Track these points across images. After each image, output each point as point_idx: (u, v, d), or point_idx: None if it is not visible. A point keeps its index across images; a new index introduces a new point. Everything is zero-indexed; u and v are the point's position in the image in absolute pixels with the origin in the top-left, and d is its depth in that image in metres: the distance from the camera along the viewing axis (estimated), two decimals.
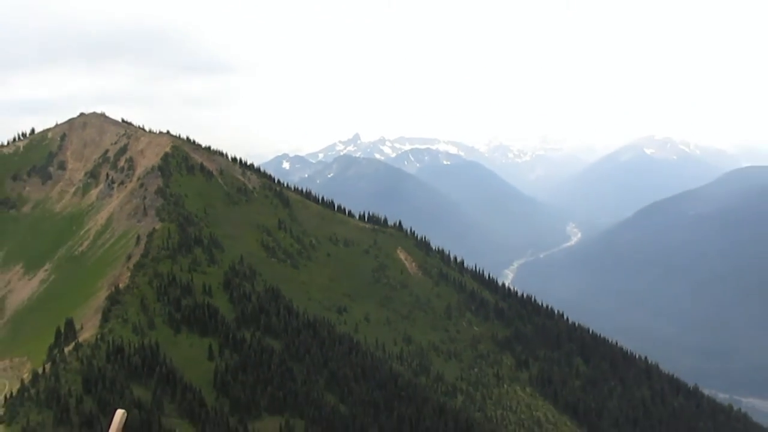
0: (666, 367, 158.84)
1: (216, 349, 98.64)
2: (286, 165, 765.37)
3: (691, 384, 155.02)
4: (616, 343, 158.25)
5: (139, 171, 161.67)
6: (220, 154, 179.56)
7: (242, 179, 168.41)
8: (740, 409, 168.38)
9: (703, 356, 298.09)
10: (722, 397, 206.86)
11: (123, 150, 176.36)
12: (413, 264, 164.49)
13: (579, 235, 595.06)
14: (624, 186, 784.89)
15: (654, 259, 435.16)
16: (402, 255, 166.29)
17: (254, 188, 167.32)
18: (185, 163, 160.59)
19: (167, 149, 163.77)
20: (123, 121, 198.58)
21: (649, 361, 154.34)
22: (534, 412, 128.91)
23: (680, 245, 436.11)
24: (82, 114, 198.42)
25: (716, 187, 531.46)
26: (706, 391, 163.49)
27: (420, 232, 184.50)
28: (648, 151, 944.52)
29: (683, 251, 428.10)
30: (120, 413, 12.46)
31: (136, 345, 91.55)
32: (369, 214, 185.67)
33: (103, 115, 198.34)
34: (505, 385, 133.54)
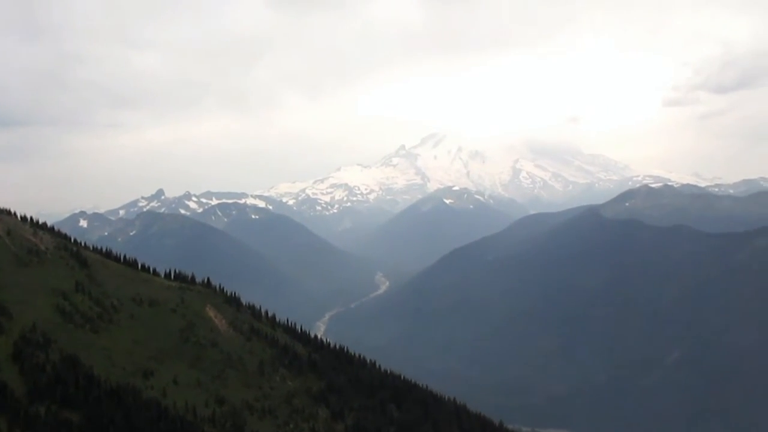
0: (473, 406, 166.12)
1: (5, 428, 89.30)
2: (83, 223, 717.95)
3: (497, 420, 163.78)
4: (427, 387, 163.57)
5: None
6: (8, 212, 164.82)
7: (34, 239, 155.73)
8: None
9: (504, 393, 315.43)
10: (525, 430, 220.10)
11: None
12: (223, 321, 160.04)
13: (387, 284, 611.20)
14: (427, 235, 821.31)
15: (456, 304, 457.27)
16: (211, 312, 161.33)
17: (47, 249, 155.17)
18: None
19: None
20: None
21: (458, 402, 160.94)
22: None
23: (479, 289, 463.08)
24: None
25: (509, 232, 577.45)
26: (510, 426, 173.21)
27: (230, 288, 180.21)
28: (447, 202, 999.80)
29: (482, 295, 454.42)
30: None
31: None
32: (176, 271, 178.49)
33: None
34: None
